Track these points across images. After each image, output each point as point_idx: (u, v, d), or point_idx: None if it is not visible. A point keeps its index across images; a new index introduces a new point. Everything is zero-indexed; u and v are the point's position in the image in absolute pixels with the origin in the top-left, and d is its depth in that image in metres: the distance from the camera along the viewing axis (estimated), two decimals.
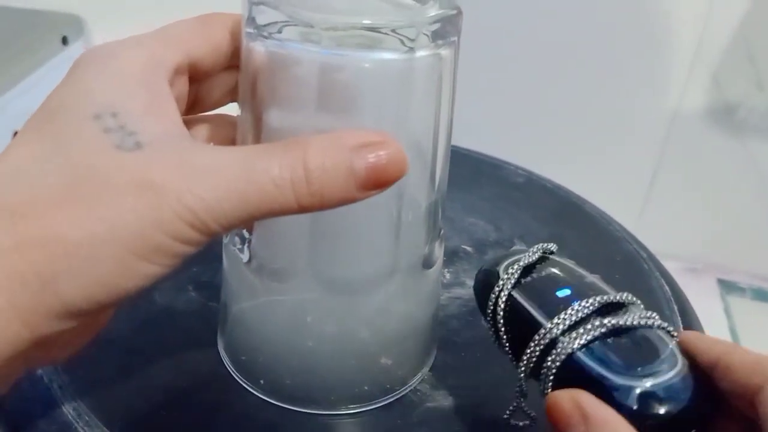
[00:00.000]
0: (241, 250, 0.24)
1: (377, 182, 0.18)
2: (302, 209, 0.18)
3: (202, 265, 0.30)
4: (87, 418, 0.23)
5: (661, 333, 0.20)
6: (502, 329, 0.21)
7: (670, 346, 0.20)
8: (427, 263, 0.24)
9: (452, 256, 0.32)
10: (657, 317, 0.20)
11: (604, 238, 0.35)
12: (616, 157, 0.58)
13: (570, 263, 0.23)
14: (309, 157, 0.17)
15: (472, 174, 0.40)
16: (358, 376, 0.24)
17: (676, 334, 0.20)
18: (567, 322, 0.20)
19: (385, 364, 0.24)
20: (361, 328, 0.24)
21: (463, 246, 0.33)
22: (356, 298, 0.23)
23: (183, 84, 0.21)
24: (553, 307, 0.20)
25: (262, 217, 0.18)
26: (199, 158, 0.17)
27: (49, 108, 0.19)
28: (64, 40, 0.55)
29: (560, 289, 0.21)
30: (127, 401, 0.24)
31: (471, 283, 0.31)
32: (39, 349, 0.17)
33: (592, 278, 0.22)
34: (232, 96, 0.23)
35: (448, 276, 0.31)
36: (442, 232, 0.25)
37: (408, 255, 0.23)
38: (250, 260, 0.23)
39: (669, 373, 0.19)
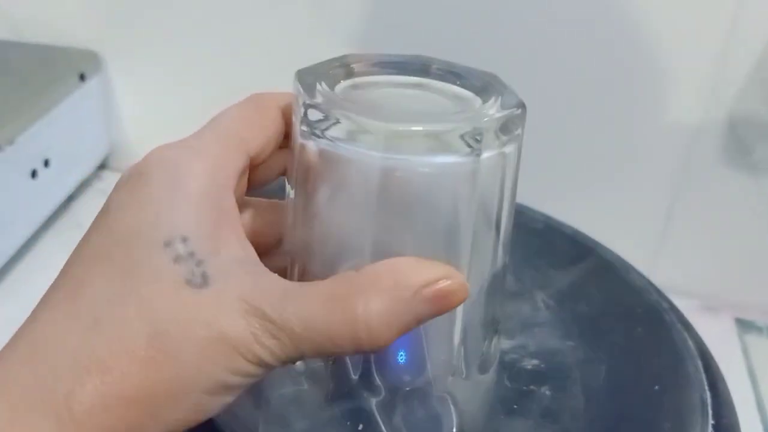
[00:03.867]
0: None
1: (437, 314, 0.19)
2: (357, 353, 0.20)
3: None
4: None
5: None
6: None
7: None
8: (484, 365, 0.23)
9: None
10: None
11: (624, 288, 0.35)
12: (630, 195, 0.58)
13: None
14: (371, 314, 0.18)
15: None
16: None
17: None
18: None
19: None
20: None
21: None
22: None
23: (243, 182, 0.22)
24: None
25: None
26: (268, 307, 0.18)
27: (117, 232, 0.19)
28: (82, 77, 0.55)
29: None
30: None
31: None
32: None
33: None
34: (281, 174, 0.23)
35: None
36: (499, 327, 0.24)
37: (465, 356, 0.22)
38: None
39: None
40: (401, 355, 0.21)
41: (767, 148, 0.53)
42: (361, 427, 0.22)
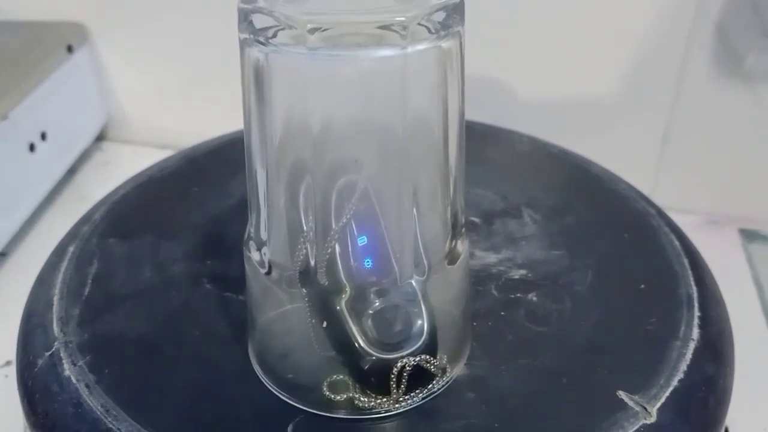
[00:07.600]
0: (260, 263, 0.24)
1: None
2: None
3: (215, 258, 0.31)
4: (115, 413, 0.24)
5: None
6: None
7: None
8: (451, 259, 0.24)
9: None
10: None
11: (611, 199, 0.35)
12: (625, 115, 0.58)
13: None
14: None
15: (475, 145, 0.40)
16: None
17: None
18: None
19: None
20: None
21: (471, 218, 0.33)
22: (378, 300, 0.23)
23: None
24: None
25: None
26: None
27: None
28: (69, 49, 0.56)
29: None
30: (154, 395, 0.25)
31: (480, 254, 0.32)
32: None
33: None
34: None
35: None
36: (464, 229, 0.25)
37: (428, 252, 0.23)
38: (269, 271, 0.23)
39: None
40: (367, 261, 0.22)
41: (759, 55, 0.52)
42: (325, 324, 0.23)
